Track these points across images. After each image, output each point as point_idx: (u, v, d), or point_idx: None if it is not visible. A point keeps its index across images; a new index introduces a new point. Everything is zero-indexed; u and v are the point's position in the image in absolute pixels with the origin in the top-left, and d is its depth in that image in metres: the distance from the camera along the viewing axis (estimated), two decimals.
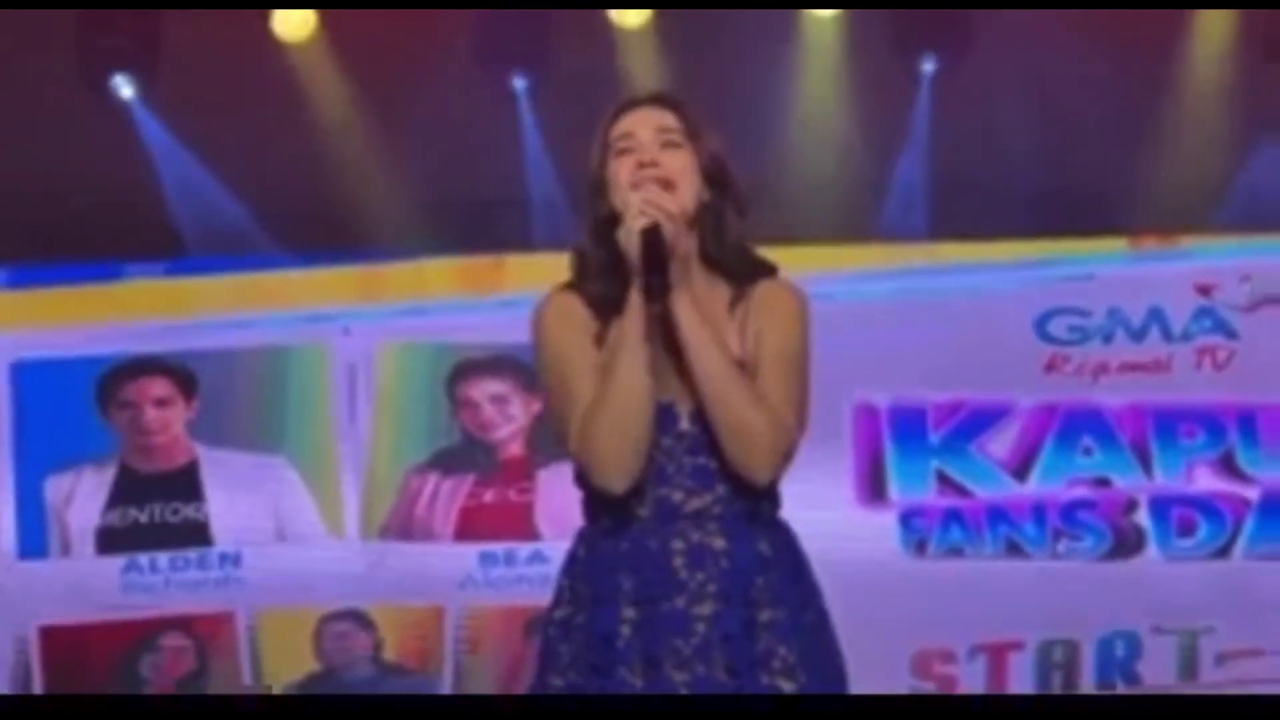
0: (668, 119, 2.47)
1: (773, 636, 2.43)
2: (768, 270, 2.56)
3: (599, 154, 2.49)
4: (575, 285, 2.52)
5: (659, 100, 2.53)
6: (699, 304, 2.43)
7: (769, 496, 2.49)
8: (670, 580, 2.39)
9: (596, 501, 2.48)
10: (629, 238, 2.38)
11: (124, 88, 5.79)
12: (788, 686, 2.40)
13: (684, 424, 2.43)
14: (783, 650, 2.43)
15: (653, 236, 2.35)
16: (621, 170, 2.44)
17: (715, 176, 2.50)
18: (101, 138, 5.76)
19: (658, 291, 2.35)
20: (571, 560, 2.50)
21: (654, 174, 2.41)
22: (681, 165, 2.45)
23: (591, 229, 2.50)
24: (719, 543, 2.40)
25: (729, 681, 2.38)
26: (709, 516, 2.41)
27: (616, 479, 2.39)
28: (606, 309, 2.45)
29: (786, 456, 2.45)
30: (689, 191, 2.46)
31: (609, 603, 2.41)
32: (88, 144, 5.72)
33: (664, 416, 2.42)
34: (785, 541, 2.49)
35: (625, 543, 2.42)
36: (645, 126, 2.46)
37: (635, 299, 2.38)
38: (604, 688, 2.39)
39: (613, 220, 2.45)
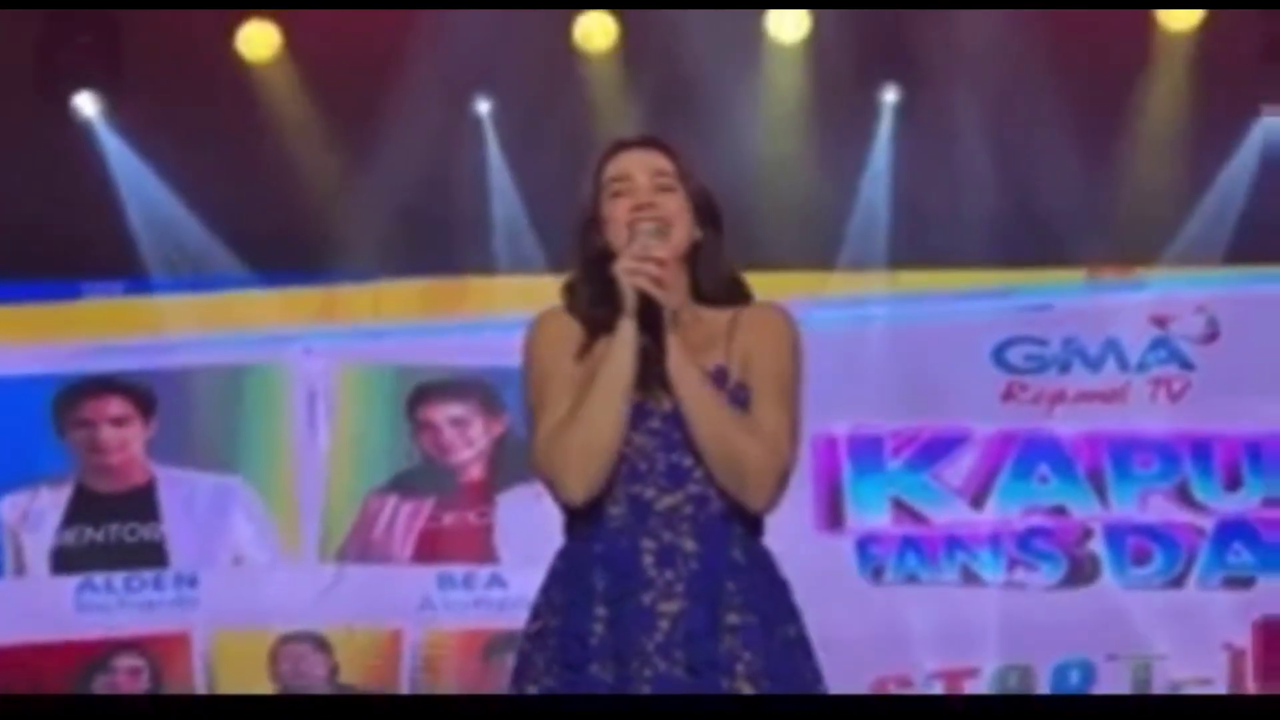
0: (661, 162, 2.57)
1: (738, 641, 2.45)
2: (747, 291, 2.64)
3: (593, 193, 2.58)
4: (567, 308, 2.61)
5: (650, 143, 2.62)
6: (690, 334, 2.51)
7: (746, 509, 2.52)
8: (640, 577, 2.43)
9: (572, 512, 2.52)
10: (619, 273, 2.49)
11: (86, 106, 5.77)
12: (748, 691, 2.42)
13: (657, 422, 2.47)
14: (748, 655, 2.45)
15: (647, 306, 2.45)
16: (618, 210, 2.54)
17: (706, 214, 2.59)
18: (62, 155, 5.73)
19: (654, 358, 2.45)
20: (550, 575, 2.54)
21: (651, 215, 2.51)
22: (676, 207, 2.54)
23: (583, 263, 2.58)
24: (689, 544, 2.44)
25: (688, 680, 2.40)
26: (681, 516, 2.45)
27: (577, 491, 2.45)
28: (596, 328, 2.53)
29: (783, 483, 2.50)
30: (683, 232, 2.55)
31: (582, 603, 2.45)
32: (48, 161, 5.69)
33: (638, 414, 2.47)
34: (763, 557, 2.52)
35: (599, 544, 2.46)
36: (641, 169, 2.55)
37: (626, 330, 2.46)
38: (576, 685, 2.42)
39: (606, 256, 2.54)
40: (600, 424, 2.42)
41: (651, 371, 2.46)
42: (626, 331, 2.45)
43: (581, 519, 2.48)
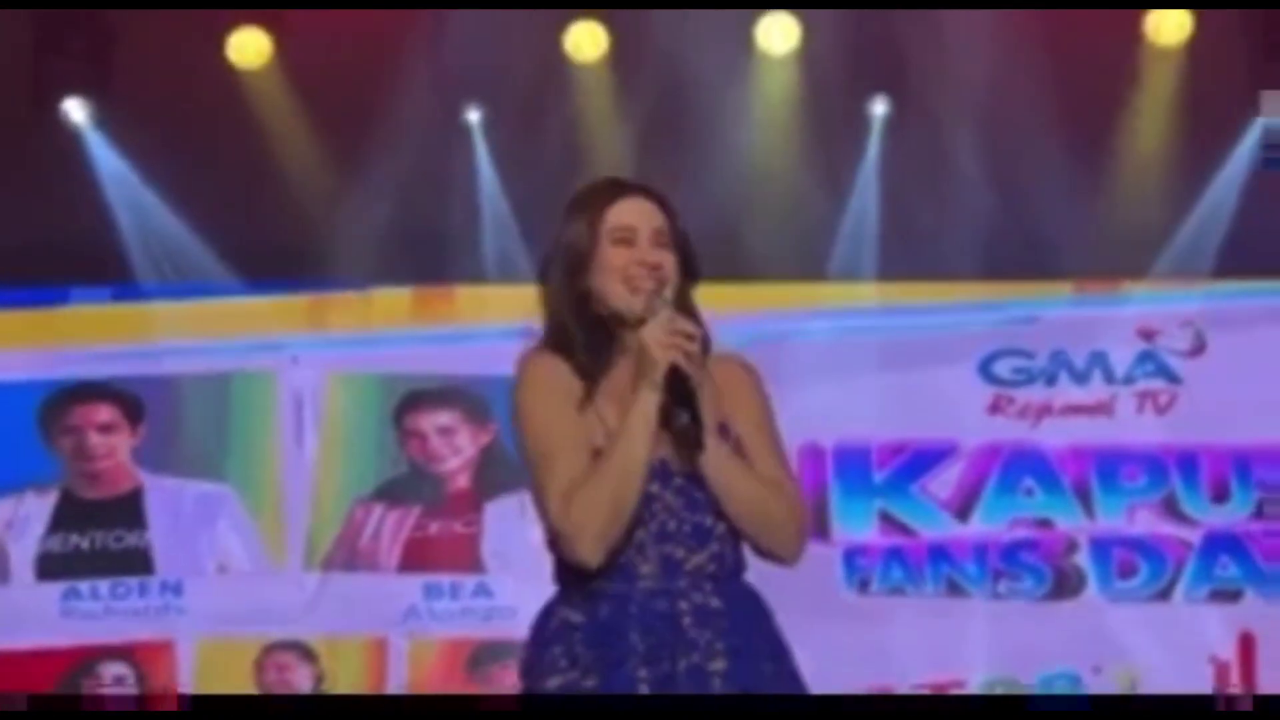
0: (659, 218, 2.60)
1: (774, 687, 2.57)
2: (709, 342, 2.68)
3: (588, 234, 2.58)
4: (556, 348, 2.60)
5: (646, 192, 2.65)
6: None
7: (743, 560, 2.61)
8: (682, 640, 2.49)
9: (575, 570, 2.53)
10: (649, 345, 2.50)
11: (75, 112, 5.76)
12: None
13: (680, 481, 2.53)
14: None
15: (680, 379, 2.48)
16: (618, 259, 2.56)
17: (687, 267, 2.64)
18: (51, 161, 5.73)
19: (690, 434, 2.48)
20: (565, 627, 2.54)
21: (656, 278, 2.55)
22: (672, 265, 2.59)
23: (572, 301, 2.59)
24: (715, 602, 2.52)
25: None
26: (706, 575, 2.52)
27: (594, 556, 2.47)
28: (591, 371, 2.55)
29: (809, 530, 2.63)
30: (672, 290, 2.59)
31: (622, 664, 2.49)
32: (37, 167, 5.69)
33: (663, 472, 2.52)
34: (761, 603, 2.62)
35: (634, 604, 2.49)
36: (645, 224, 2.59)
37: (649, 401, 2.47)
38: None
39: (595, 298, 2.58)
40: (622, 494, 2.45)
41: (696, 434, 2.49)
42: (649, 403, 2.47)
43: (605, 575, 2.50)
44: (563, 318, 2.59)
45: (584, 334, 2.55)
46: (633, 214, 2.58)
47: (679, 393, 2.46)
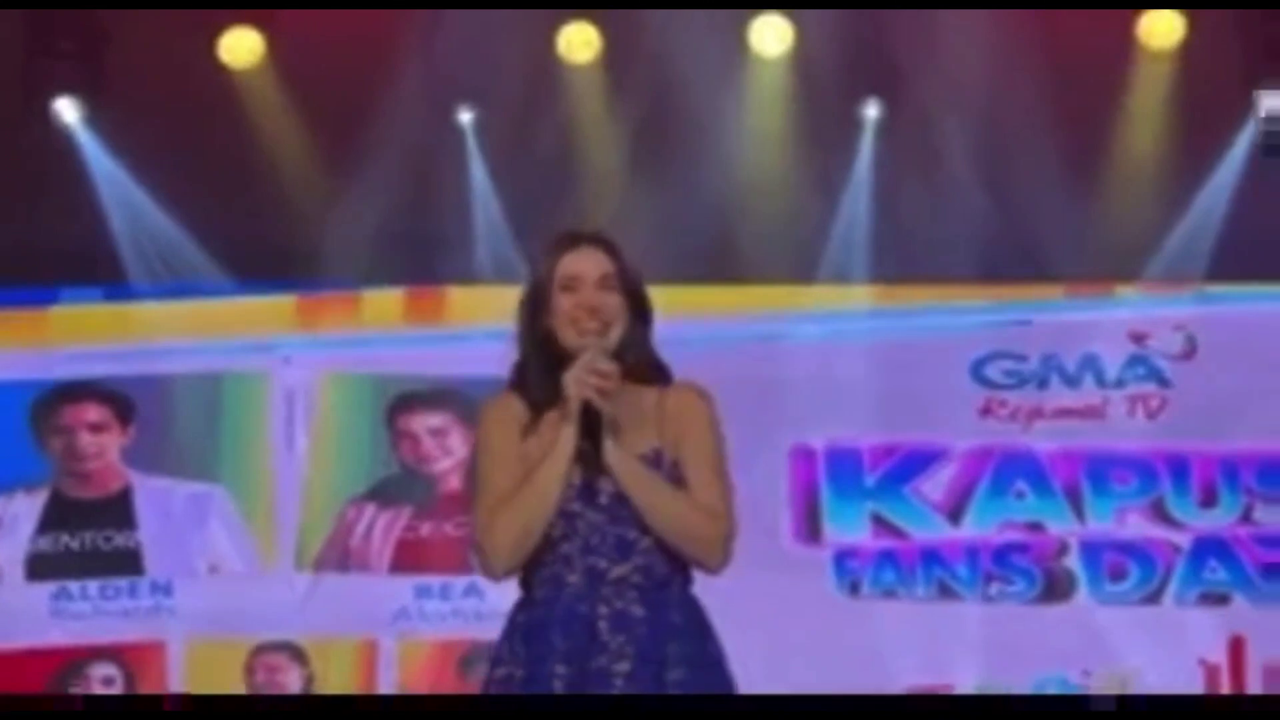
0: (606, 264, 2.92)
1: (678, 692, 2.84)
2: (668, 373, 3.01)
3: (544, 282, 2.93)
4: (516, 387, 2.94)
5: (598, 242, 2.96)
6: (622, 414, 2.86)
7: (683, 571, 2.90)
8: (596, 641, 2.81)
9: (530, 571, 2.87)
10: (567, 383, 2.83)
11: (67, 111, 5.75)
12: None
13: (605, 499, 2.84)
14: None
15: (589, 413, 2.80)
16: (565, 305, 2.89)
17: (638, 310, 2.95)
18: (42, 160, 5.71)
19: (591, 460, 2.81)
20: (512, 625, 2.89)
21: (598, 319, 2.88)
22: (615, 307, 2.91)
23: (529, 340, 2.93)
24: (637, 610, 2.82)
25: None
26: (629, 584, 2.83)
27: (499, 571, 2.84)
28: (541, 405, 2.89)
29: (729, 544, 2.89)
30: (619, 328, 2.91)
31: (544, 660, 2.81)
32: (28, 166, 5.68)
33: (588, 493, 2.84)
34: (695, 613, 2.90)
35: (559, 607, 2.83)
36: (591, 270, 2.91)
37: (567, 436, 2.81)
38: None
39: (550, 339, 2.91)
40: (532, 517, 2.80)
41: (595, 461, 2.82)
42: (567, 438, 2.81)
43: (540, 582, 2.84)
44: (525, 355, 2.93)
45: (539, 370, 2.88)
46: (579, 263, 2.91)
47: (589, 425, 2.79)
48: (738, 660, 2.96)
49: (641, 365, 2.93)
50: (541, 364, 2.88)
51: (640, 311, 2.93)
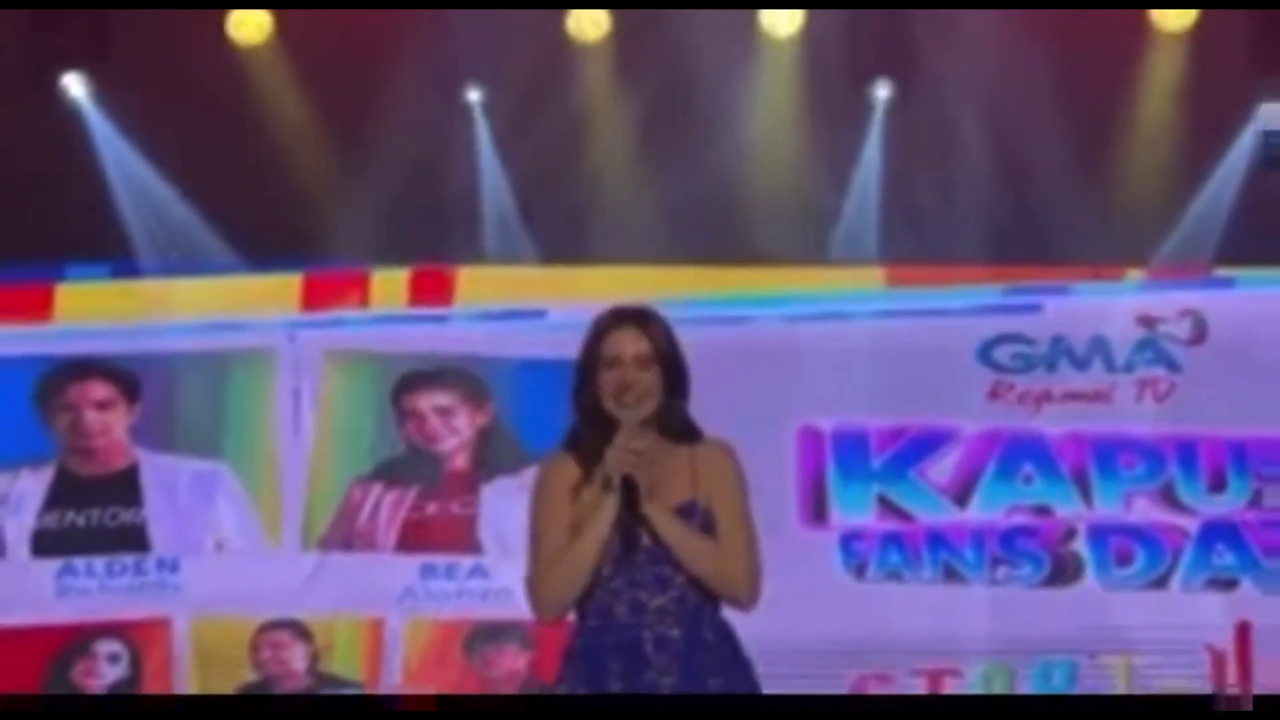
0: (643, 345, 3.36)
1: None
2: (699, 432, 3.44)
3: (590, 359, 3.38)
4: (569, 446, 3.41)
5: (638, 321, 3.39)
6: (657, 470, 3.31)
7: (713, 600, 3.34)
8: (644, 661, 3.31)
9: (582, 603, 3.35)
10: (608, 461, 3.30)
11: (74, 87, 5.74)
12: None
13: (646, 541, 3.32)
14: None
15: (629, 483, 3.27)
16: (606, 380, 3.35)
17: (671, 380, 3.37)
18: (49, 136, 5.71)
19: (631, 529, 3.29)
20: (570, 650, 3.37)
21: (634, 394, 3.33)
22: (650, 383, 3.35)
23: (579, 408, 3.39)
24: (674, 632, 3.31)
25: None
26: (667, 612, 3.32)
27: (547, 616, 3.36)
28: (591, 460, 3.35)
29: (759, 582, 3.34)
30: (653, 402, 3.35)
31: (602, 681, 3.30)
32: (35, 142, 5.67)
33: (632, 540, 3.32)
34: (726, 632, 3.35)
35: (610, 635, 3.33)
36: (630, 350, 3.35)
37: (609, 505, 3.28)
38: None
39: (597, 408, 3.35)
40: (576, 573, 3.31)
41: (637, 518, 3.31)
42: (609, 507, 3.27)
43: (592, 612, 3.34)
44: (575, 420, 3.39)
45: (588, 433, 3.36)
46: (619, 344, 3.36)
47: (629, 494, 3.27)
48: (744, 642, 3.30)
49: (675, 427, 3.36)
50: (589, 428, 3.34)
51: (674, 383, 3.36)
